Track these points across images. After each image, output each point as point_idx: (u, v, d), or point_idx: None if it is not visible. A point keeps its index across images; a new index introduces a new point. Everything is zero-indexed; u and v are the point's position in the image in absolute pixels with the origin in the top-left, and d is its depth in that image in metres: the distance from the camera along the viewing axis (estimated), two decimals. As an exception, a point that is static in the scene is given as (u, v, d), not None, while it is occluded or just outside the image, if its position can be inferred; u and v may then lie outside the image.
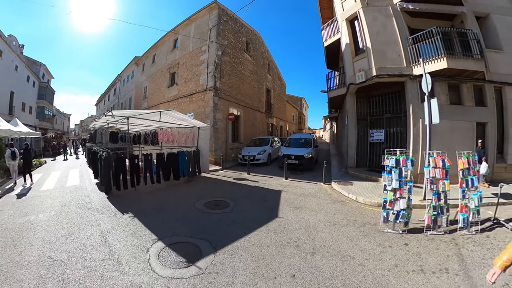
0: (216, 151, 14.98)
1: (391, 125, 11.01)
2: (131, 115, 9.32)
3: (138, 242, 4.54)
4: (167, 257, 4.01)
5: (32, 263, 3.72)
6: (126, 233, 4.93)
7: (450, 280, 3.43)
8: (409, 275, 3.53)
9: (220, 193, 8.29)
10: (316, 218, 5.88)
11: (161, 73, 21.25)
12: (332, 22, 14.11)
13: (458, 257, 4.06)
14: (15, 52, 26.23)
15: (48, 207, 6.59)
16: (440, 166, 5.27)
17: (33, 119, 32.21)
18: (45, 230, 4.99)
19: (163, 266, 3.74)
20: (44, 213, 6.12)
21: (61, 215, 5.92)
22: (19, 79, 27.68)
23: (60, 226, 5.21)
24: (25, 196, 7.79)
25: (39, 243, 4.39)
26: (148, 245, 4.42)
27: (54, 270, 3.52)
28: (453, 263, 3.86)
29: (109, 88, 40.76)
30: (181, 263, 3.82)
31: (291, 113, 42.86)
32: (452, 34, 9.29)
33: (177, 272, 3.57)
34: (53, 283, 3.22)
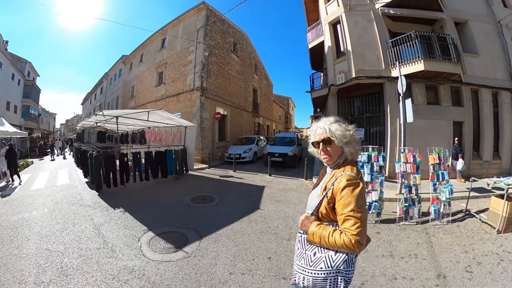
0: (203, 150, 15.24)
1: (370, 124, 11.53)
2: (121, 115, 9.52)
3: (130, 232, 4.84)
4: (157, 244, 4.34)
5: (30, 255, 3.90)
6: (119, 225, 5.20)
7: (418, 264, 3.75)
8: (378, 259, 3.85)
9: (207, 189, 8.60)
10: (295, 210, 6.29)
11: (148, 72, 21.31)
12: (316, 25, 14.51)
13: (427, 244, 4.41)
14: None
15: (41, 205, 6.67)
16: (411, 161, 5.72)
17: (18, 118, 31.28)
18: (40, 225, 5.16)
19: (153, 252, 4.06)
20: (37, 210, 6.21)
21: (54, 212, 6.05)
22: (4, 77, 26.97)
23: (55, 222, 5.39)
24: (16, 195, 7.81)
25: (35, 237, 4.57)
26: (139, 235, 4.73)
27: (53, 260, 3.74)
28: (422, 250, 4.20)
29: (96, 87, 39.98)
30: (169, 249, 4.16)
31: (278, 113, 43.27)
32: (431, 38, 9.86)
33: (166, 256, 3.91)
34: (52, 271, 3.45)
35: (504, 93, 10.87)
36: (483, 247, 4.30)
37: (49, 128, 49.78)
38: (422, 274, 3.46)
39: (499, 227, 4.86)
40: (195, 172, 12.52)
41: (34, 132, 34.08)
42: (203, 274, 3.46)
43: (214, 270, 3.55)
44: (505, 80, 10.91)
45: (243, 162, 15.01)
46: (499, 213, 4.91)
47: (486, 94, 10.70)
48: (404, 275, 3.45)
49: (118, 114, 9.43)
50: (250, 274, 3.46)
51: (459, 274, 3.47)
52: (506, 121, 10.78)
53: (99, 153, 8.33)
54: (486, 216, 5.47)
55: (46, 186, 9.18)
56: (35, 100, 35.84)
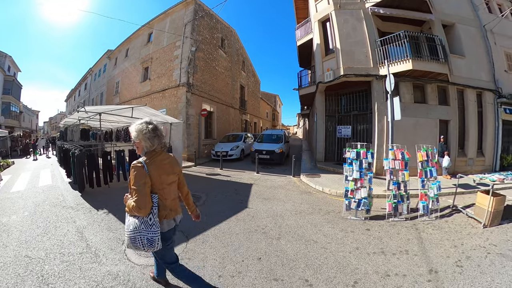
0: (189, 147, 14.99)
1: (358, 121, 11.66)
2: (104, 111, 9.20)
3: (113, 235, 4.61)
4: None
5: (8, 264, 3.63)
6: (102, 228, 4.95)
7: (410, 260, 3.74)
8: (369, 257, 3.82)
9: (193, 188, 8.31)
10: (283, 208, 6.21)
11: (134, 67, 20.75)
12: (305, 23, 14.55)
13: (418, 240, 4.43)
14: None
15: (21, 208, 6.29)
16: (400, 158, 5.73)
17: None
18: (20, 230, 4.83)
19: (138, 255, 3.86)
20: (17, 214, 5.83)
21: (35, 215, 5.71)
22: None
23: (35, 226, 5.06)
24: None
25: (14, 243, 4.28)
26: (123, 237, 4.46)
27: (33, 268, 3.50)
28: (413, 245, 4.21)
29: (80, 83, 38.78)
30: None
31: (265, 110, 43.30)
32: (420, 38, 9.98)
33: (151, 260, 3.67)
34: (32, 280, 3.22)
35: (487, 94, 11.29)
36: (471, 241, 4.38)
37: (32, 127, 47.43)
38: (414, 270, 3.47)
39: (485, 221, 5.00)
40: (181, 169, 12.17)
41: (16, 130, 32.48)
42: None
43: (202, 273, 3.40)
44: (488, 82, 11.33)
45: (230, 160, 14.85)
46: (485, 208, 5.05)
47: (471, 94, 11.05)
48: (396, 271, 3.44)
49: (101, 111, 9.11)
50: (240, 277, 3.35)
51: (450, 268, 3.51)
52: (489, 121, 11.23)
53: (81, 152, 7.98)
54: (472, 211, 5.60)
55: (27, 188, 8.69)
56: (16, 96, 34.31)
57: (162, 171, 2.39)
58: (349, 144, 6.17)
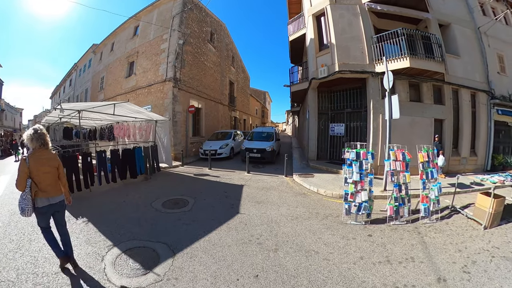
0: (176, 146, 14.38)
1: (351, 119, 11.42)
2: (83, 108, 8.55)
3: (92, 249, 4.14)
4: (123, 264, 3.69)
5: None
6: (80, 241, 4.47)
7: (416, 268, 3.56)
8: (375, 267, 3.59)
9: (180, 191, 7.93)
10: (278, 212, 5.84)
11: (119, 62, 19.86)
12: (298, 17, 14.21)
13: (422, 245, 4.26)
14: None
15: None
16: (401, 159, 5.46)
17: None
18: None
19: (119, 275, 3.42)
20: None
21: (9, 226, 5.08)
22: None
23: (8, 239, 4.49)
24: None
25: None
26: (103, 252, 4.05)
27: None
28: (418, 252, 4.02)
29: (65, 79, 36.92)
30: (138, 270, 3.53)
31: (254, 107, 42.86)
32: (416, 36, 9.80)
33: (134, 281, 3.28)
34: None
35: (481, 95, 11.36)
36: (474, 244, 4.29)
37: (15, 125, 45.40)
38: (422, 280, 3.31)
39: (485, 223, 4.94)
40: (167, 170, 11.74)
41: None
42: (179, 303, 2.90)
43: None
44: (482, 83, 11.41)
45: (220, 159, 14.37)
46: (485, 209, 5.01)
47: (466, 94, 11.07)
48: (405, 282, 3.26)
49: (80, 108, 8.45)
50: (237, 300, 2.94)
51: (458, 275, 3.40)
52: (482, 121, 11.34)
53: (58, 153, 7.30)
54: (471, 212, 5.55)
55: (4, 193, 7.97)
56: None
57: (39, 164, 3.29)
58: (348, 144, 5.87)
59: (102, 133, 14.04)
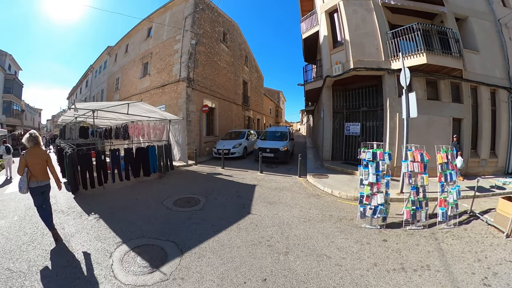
0: (189, 145, 14.45)
1: (367, 118, 11.07)
2: (97, 108, 8.70)
3: (101, 246, 4.22)
4: (131, 261, 3.72)
5: None
6: (90, 237, 4.57)
7: (432, 277, 3.34)
8: (389, 275, 3.40)
9: (192, 189, 7.94)
10: (290, 214, 5.70)
11: (133, 63, 20.23)
12: (311, 15, 13.90)
13: (438, 252, 4.00)
14: None
15: (12, 212, 5.96)
16: (419, 160, 5.21)
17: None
18: (6, 237, 4.54)
19: (126, 272, 3.45)
20: (6, 218, 5.51)
21: (24, 220, 5.35)
22: None
23: (23, 232, 4.75)
24: None
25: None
26: (112, 249, 4.10)
27: (12, 284, 3.17)
28: (434, 259, 3.79)
29: (81, 80, 38.40)
30: (145, 268, 3.53)
31: (268, 106, 42.70)
32: (432, 31, 9.38)
33: (140, 279, 3.29)
34: None
35: (501, 92, 10.63)
36: (495, 254, 3.97)
37: (34, 125, 47.39)
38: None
39: (508, 231, 4.57)
40: (181, 168, 11.84)
41: (17, 129, 32.45)
42: (183, 304, 2.85)
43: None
44: (503, 79, 10.66)
45: (233, 158, 14.35)
46: (508, 216, 4.66)
47: (485, 92, 10.40)
48: None
49: (94, 107, 8.60)
50: (242, 305, 2.86)
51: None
52: (503, 120, 10.56)
53: (73, 151, 7.50)
54: (492, 219, 5.17)
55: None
56: (17, 95, 34.24)
57: (33, 157, 4.40)
58: (364, 144, 5.62)
59: (117, 132, 14.33)
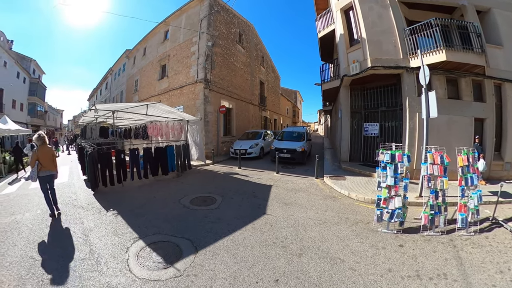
0: (207, 145, 14.62)
1: (386, 118, 10.75)
2: (117, 109, 8.97)
3: (118, 241, 4.39)
4: (146, 257, 3.84)
5: (13, 264, 3.66)
6: (108, 232, 4.77)
7: (449, 287, 3.17)
8: (404, 281, 3.27)
9: (208, 188, 8.04)
10: (305, 216, 5.62)
11: (151, 65, 20.76)
12: (326, 13, 13.64)
13: (456, 260, 3.79)
14: (3, 48, 25.45)
15: (35, 206, 6.38)
16: (439, 163, 4.96)
17: (25, 116, 31.54)
18: (30, 229, 4.91)
19: (141, 267, 3.57)
20: (30, 212, 5.95)
21: (46, 214, 5.71)
22: (9, 76, 26.99)
23: (45, 225, 5.12)
24: (13, 195, 7.60)
25: (22, 243, 4.33)
26: (128, 244, 4.26)
27: (35, 271, 3.46)
28: (452, 268, 3.59)
29: (101, 82, 40.04)
30: (159, 264, 3.64)
31: (285, 106, 42.53)
32: (451, 26, 8.90)
33: (154, 274, 3.39)
34: (32, 284, 3.16)
35: None
36: None
37: (56, 125, 50.15)
38: None
39: None
40: (198, 167, 12.03)
41: (41, 129, 33.98)
42: (194, 300, 2.89)
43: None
44: None
45: (249, 158, 14.41)
46: None
47: (510, 90, 9.66)
48: None
49: (114, 109, 8.88)
50: (253, 304, 2.85)
51: None
52: None
53: (93, 150, 7.82)
54: None
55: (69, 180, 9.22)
56: (41, 97, 36.07)
57: (42, 153, 5.61)
58: (382, 145, 5.43)
59: (136, 132, 14.72)
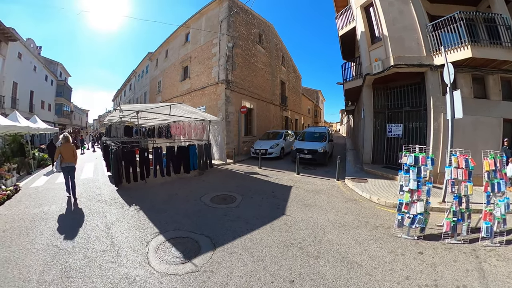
0: (228, 144, 14.84)
1: (410, 119, 10.36)
2: (141, 109, 9.30)
3: (139, 235, 4.57)
4: (165, 251, 3.98)
5: (40, 250, 3.95)
6: (130, 226, 4.99)
7: None
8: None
9: (229, 187, 8.16)
10: (325, 218, 5.55)
11: (174, 67, 21.32)
12: (346, 10, 13.32)
13: (478, 272, 3.52)
14: (33, 54, 27.32)
15: (61, 199, 6.82)
16: (463, 167, 4.70)
17: (52, 115, 33.76)
18: (56, 220, 5.26)
19: (160, 260, 3.70)
20: (56, 204, 6.37)
21: (71, 207, 6.15)
22: (38, 79, 28.92)
23: (70, 217, 5.47)
24: (41, 188, 8.21)
25: (48, 232, 4.64)
26: (149, 238, 4.43)
27: (59, 258, 3.71)
28: (473, 280, 3.34)
29: (125, 84, 41.93)
30: (178, 258, 3.76)
31: (306, 106, 42.09)
32: (477, 20, 8.38)
33: (172, 268, 3.50)
34: (56, 270, 3.40)
35: None
36: None
37: (82, 124, 53.09)
38: None
39: None
40: (219, 166, 12.22)
41: (67, 127, 36.65)
42: (209, 296, 2.96)
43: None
44: None
45: (270, 158, 14.41)
46: None
47: None
48: None
49: (138, 109, 9.21)
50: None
51: None
52: None
53: (118, 148, 8.19)
54: None
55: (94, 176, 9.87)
56: (67, 98, 38.63)
57: (65, 149, 6.77)
58: (406, 147, 5.24)
59: (160, 132, 15.20)
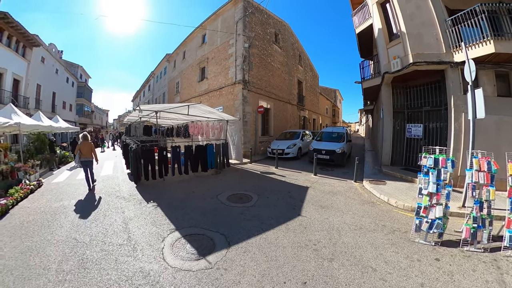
0: (245, 144, 14.93)
1: (430, 119, 9.97)
2: (159, 109, 9.52)
3: (156, 230, 4.72)
4: (180, 247, 4.08)
5: (60, 242, 4.19)
6: (147, 221, 5.15)
7: None
8: None
9: (245, 187, 8.22)
10: (341, 220, 5.47)
11: (191, 68, 21.70)
12: (362, 7, 12.99)
13: (499, 285, 3.26)
14: (54, 58, 29.11)
15: (81, 194, 7.17)
16: (485, 170, 4.43)
17: (73, 115, 35.73)
18: (75, 214, 5.56)
19: (174, 256, 3.81)
20: (76, 199, 6.70)
21: (91, 202, 6.45)
22: (60, 81, 30.70)
23: (88, 212, 5.71)
24: (62, 184, 8.67)
25: (68, 225, 4.91)
26: (165, 234, 4.56)
27: (77, 250, 3.93)
28: None
29: (144, 85, 43.57)
30: (192, 255, 3.84)
31: (324, 106, 41.63)
32: (500, 11, 7.81)
33: (186, 264, 3.59)
34: (73, 261, 3.62)
35: None
36: None
37: (102, 123, 55.56)
38: None
39: None
40: (236, 166, 12.34)
41: (88, 127, 38.29)
42: (221, 293, 3.02)
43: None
44: None
45: (287, 158, 14.33)
46: None
47: None
48: None
49: (157, 109, 9.45)
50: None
51: None
52: None
53: (137, 147, 8.49)
54: None
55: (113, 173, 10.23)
56: (87, 99, 40.62)
57: (84, 146, 7.75)
58: (426, 148, 5.04)
59: (178, 131, 15.51)
